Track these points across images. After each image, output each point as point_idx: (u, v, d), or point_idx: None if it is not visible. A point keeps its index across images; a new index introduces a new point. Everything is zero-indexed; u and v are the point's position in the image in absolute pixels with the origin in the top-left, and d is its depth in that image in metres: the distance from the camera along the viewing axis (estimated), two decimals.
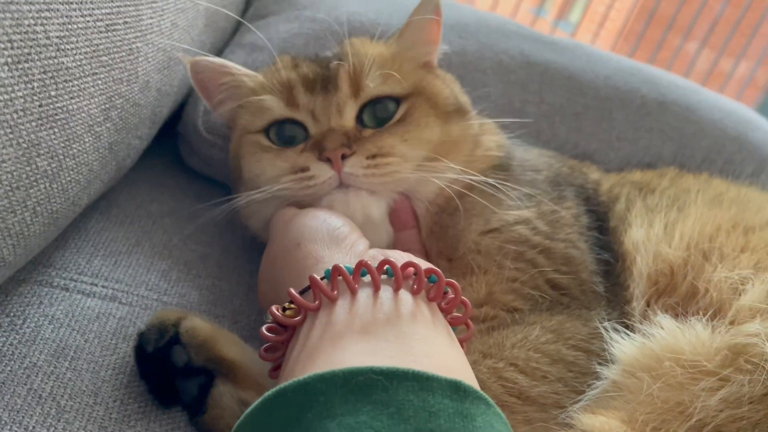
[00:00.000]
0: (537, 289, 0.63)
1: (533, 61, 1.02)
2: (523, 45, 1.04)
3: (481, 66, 0.99)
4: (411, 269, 0.45)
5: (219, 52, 0.97)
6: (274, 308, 0.45)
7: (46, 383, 0.53)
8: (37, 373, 0.53)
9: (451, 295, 0.46)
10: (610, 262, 0.67)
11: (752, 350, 0.51)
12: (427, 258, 0.68)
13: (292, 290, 0.45)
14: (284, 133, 0.68)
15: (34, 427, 0.49)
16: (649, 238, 0.66)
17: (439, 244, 0.68)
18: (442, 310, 0.46)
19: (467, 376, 0.39)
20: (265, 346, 0.47)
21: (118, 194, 0.81)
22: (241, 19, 0.98)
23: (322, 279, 0.44)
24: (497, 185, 0.67)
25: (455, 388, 0.35)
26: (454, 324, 0.46)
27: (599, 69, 1.05)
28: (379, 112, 0.68)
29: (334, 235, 0.54)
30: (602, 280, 0.65)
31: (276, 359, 0.47)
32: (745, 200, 0.74)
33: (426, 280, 0.45)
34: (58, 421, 0.51)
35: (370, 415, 0.32)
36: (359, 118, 0.67)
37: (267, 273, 0.58)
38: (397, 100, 0.69)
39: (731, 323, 0.55)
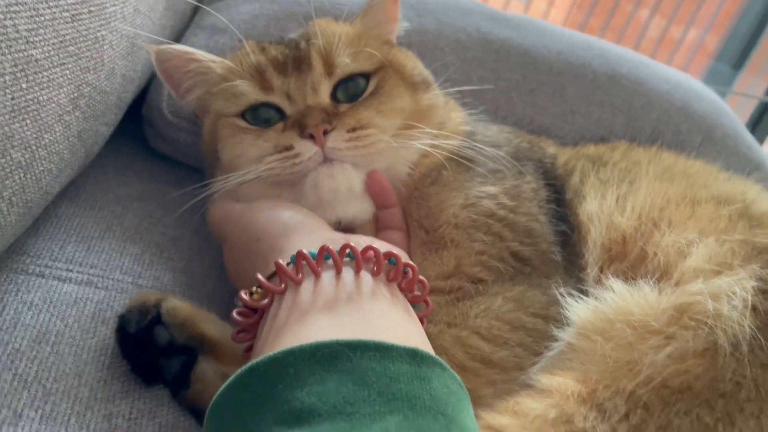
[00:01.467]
0: (502, 261, 0.67)
1: (490, 38, 1.05)
2: (480, 22, 1.07)
3: (439, 44, 1.01)
4: (371, 253, 0.48)
5: (180, 35, 0.97)
6: (242, 293, 0.48)
7: (31, 368, 0.55)
8: (21, 358, 0.55)
9: (410, 276, 0.50)
10: (567, 232, 0.71)
11: (696, 308, 0.55)
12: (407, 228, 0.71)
13: (260, 276, 0.48)
14: (259, 116, 0.69)
15: (23, 409, 0.51)
16: (602, 209, 0.70)
17: (420, 212, 0.71)
18: (401, 289, 0.49)
19: (424, 346, 0.43)
20: (237, 329, 0.50)
21: (86, 180, 0.81)
22: (202, 5, 0.98)
23: (287, 265, 0.47)
24: (470, 158, 0.71)
25: (413, 355, 0.38)
26: (413, 302, 0.50)
27: (552, 44, 1.09)
28: (351, 89, 0.70)
29: (290, 224, 0.57)
30: (560, 250, 0.69)
31: (248, 341, 0.50)
32: (693, 174, 0.78)
33: (386, 262, 0.48)
34: (46, 403, 0.53)
35: (336, 382, 0.36)
36: (333, 95, 0.70)
37: (233, 268, 0.61)
38: (367, 76, 0.71)
39: (677, 284, 0.60)
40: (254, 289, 0.49)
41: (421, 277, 0.51)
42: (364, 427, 0.34)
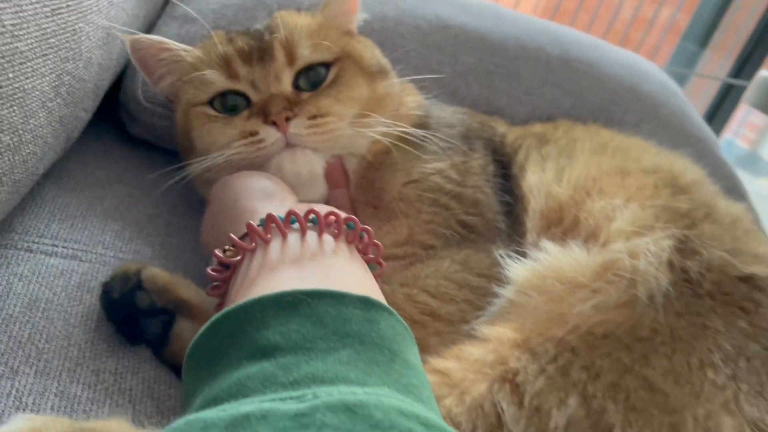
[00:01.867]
0: (450, 228, 0.73)
1: (448, 24, 1.11)
2: (439, 9, 1.13)
3: (399, 31, 1.07)
4: (332, 218, 0.54)
5: (152, 25, 1.02)
6: (217, 251, 0.54)
7: (24, 330, 0.60)
8: (15, 323, 0.61)
9: (366, 239, 0.56)
10: (510, 203, 0.78)
11: (617, 264, 0.63)
12: (354, 209, 0.77)
13: (233, 235, 0.54)
14: (227, 103, 0.74)
15: (18, 366, 0.57)
16: (542, 182, 0.77)
17: (366, 195, 0.77)
18: (358, 251, 0.56)
19: (376, 296, 0.49)
20: (211, 285, 0.56)
21: (68, 164, 0.86)
22: None
23: (258, 226, 0.53)
24: (419, 140, 0.76)
25: (364, 302, 0.44)
26: (369, 262, 0.57)
27: (508, 29, 1.15)
28: (312, 78, 0.75)
29: (266, 192, 0.63)
30: (504, 219, 0.76)
31: (220, 295, 0.56)
32: (626, 149, 0.86)
33: (345, 226, 0.55)
34: (39, 360, 0.58)
35: (297, 324, 0.42)
36: (295, 84, 0.75)
37: (209, 228, 0.66)
38: (328, 65, 0.77)
39: (603, 245, 0.67)
40: (227, 248, 0.55)
41: (375, 240, 0.58)
42: (320, 359, 0.40)
